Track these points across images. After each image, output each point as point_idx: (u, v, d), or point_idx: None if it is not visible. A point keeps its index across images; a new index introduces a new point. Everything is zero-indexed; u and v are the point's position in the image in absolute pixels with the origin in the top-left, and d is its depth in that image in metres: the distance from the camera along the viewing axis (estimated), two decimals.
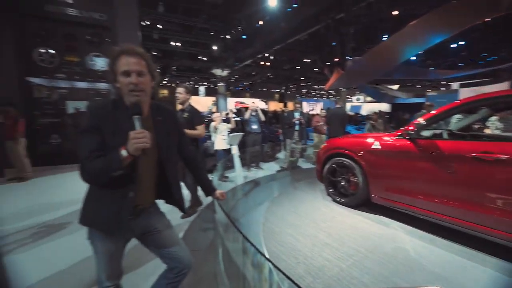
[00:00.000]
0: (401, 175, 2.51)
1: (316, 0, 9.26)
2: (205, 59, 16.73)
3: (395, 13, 9.65)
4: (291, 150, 5.71)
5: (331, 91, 28.22)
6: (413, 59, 13.90)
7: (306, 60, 17.12)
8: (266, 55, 14.23)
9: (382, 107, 19.90)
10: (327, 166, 3.24)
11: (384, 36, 11.30)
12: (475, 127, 3.58)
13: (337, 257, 1.99)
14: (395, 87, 20.92)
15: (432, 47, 7.78)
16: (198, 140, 3.10)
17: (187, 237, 2.62)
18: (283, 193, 3.69)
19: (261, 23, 11.21)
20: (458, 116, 3.18)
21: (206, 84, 24.88)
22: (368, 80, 12.96)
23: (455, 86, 15.33)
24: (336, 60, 10.46)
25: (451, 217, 2.14)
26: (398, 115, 12.63)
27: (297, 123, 5.67)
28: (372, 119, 6.92)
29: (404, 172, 2.49)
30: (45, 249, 2.39)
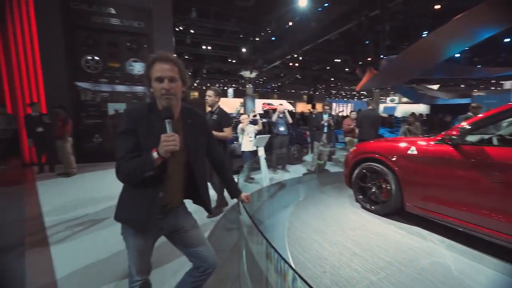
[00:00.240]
0: (441, 183, 2.31)
1: None
2: (234, 61, 17.05)
3: (437, 7, 8.93)
4: (319, 153, 5.57)
5: (362, 92, 27.00)
6: (457, 56, 12.71)
7: (336, 60, 16.59)
8: (295, 56, 14.08)
9: (419, 108, 18.54)
10: (356, 171, 3.09)
11: (424, 33, 10.51)
12: None
13: (366, 269, 1.88)
14: (435, 86, 19.30)
15: (480, 42, 7.04)
16: (226, 141, 3.17)
17: (212, 237, 2.68)
18: (309, 196, 3.61)
19: (290, 24, 11.12)
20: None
21: (235, 86, 25.38)
22: (405, 80, 12.13)
23: (508, 85, 13.68)
24: (369, 59, 9.98)
25: (500, 233, 1.91)
26: (433, 118, 11.61)
27: (325, 125, 5.52)
28: (408, 121, 6.46)
29: (444, 180, 2.28)
30: (85, 240, 2.61)
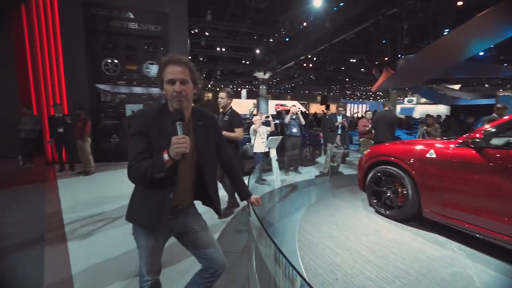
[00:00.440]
0: (463, 189, 2.19)
1: None
2: (248, 62, 17.12)
3: (459, 3, 8.53)
4: (333, 155, 5.46)
5: (378, 92, 26.30)
6: (480, 54, 12.07)
7: (351, 60, 16.24)
8: (309, 56, 13.92)
9: (438, 109, 17.80)
10: (370, 174, 3.00)
11: (445, 31, 10.07)
12: None
13: (381, 277, 1.81)
14: (456, 86, 18.43)
15: (506, 40, 6.63)
16: (238, 142, 3.17)
17: (222, 238, 2.68)
18: (321, 199, 3.54)
19: (305, 24, 11.01)
20: None
21: (248, 87, 25.47)
22: (424, 80, 11.64)
23: None
24: (386, 59, 9.68)
25: None
26: (449, 120, 11.02)
27: (339, 126, 5.41)
28: (427, 123, 6.19)
29: (467, 186, 2.16)
30: (101, 238, 2.69)
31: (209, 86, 25.49)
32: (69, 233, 2.75)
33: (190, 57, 11.17)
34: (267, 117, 5.48)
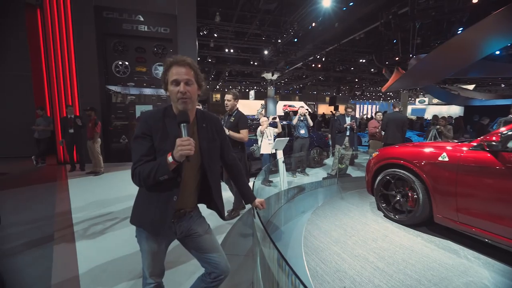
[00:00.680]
0: (479, 194, 2.09)
1: None
2: (256, 63, 17.12)
3: (475, 1, 8.25)
4: (341, 157, 5.37)
5: (389, 93, 25.81)
6: (497, 53, 11.64)
7: (361, 60, 16.00)
8: (317, 57, 13.79)
9: (451, 110, 17.31)
10: (379, 178, 2.92)
11: (459, 29, 9.76)
12: None
13: (391, 286, 1.74)
14: (471, 86, 17.86)
15: None
16: (244, 143, 3.16)
17: (227, 240, 2.66)
18: (328, 202, 3.47)
19: (313, 24, 10.91)
20: None
21: (256, 88, 25.47)
22: (436, 80, 11.33)
23: None
24: (397, 59, 9.48)
25: None
26: (459, 121, 10.65)
27: (348, 128, 5.32)
28: (439, 124, 6.00)
29: (482, 191, 2.07)
30: (108, 238, 2.72)
31: (217, 87, 25.63)
32: (77, 233, 2.80)
33: (198, 58, 11.25)
34: (274, 118, 5.44)
